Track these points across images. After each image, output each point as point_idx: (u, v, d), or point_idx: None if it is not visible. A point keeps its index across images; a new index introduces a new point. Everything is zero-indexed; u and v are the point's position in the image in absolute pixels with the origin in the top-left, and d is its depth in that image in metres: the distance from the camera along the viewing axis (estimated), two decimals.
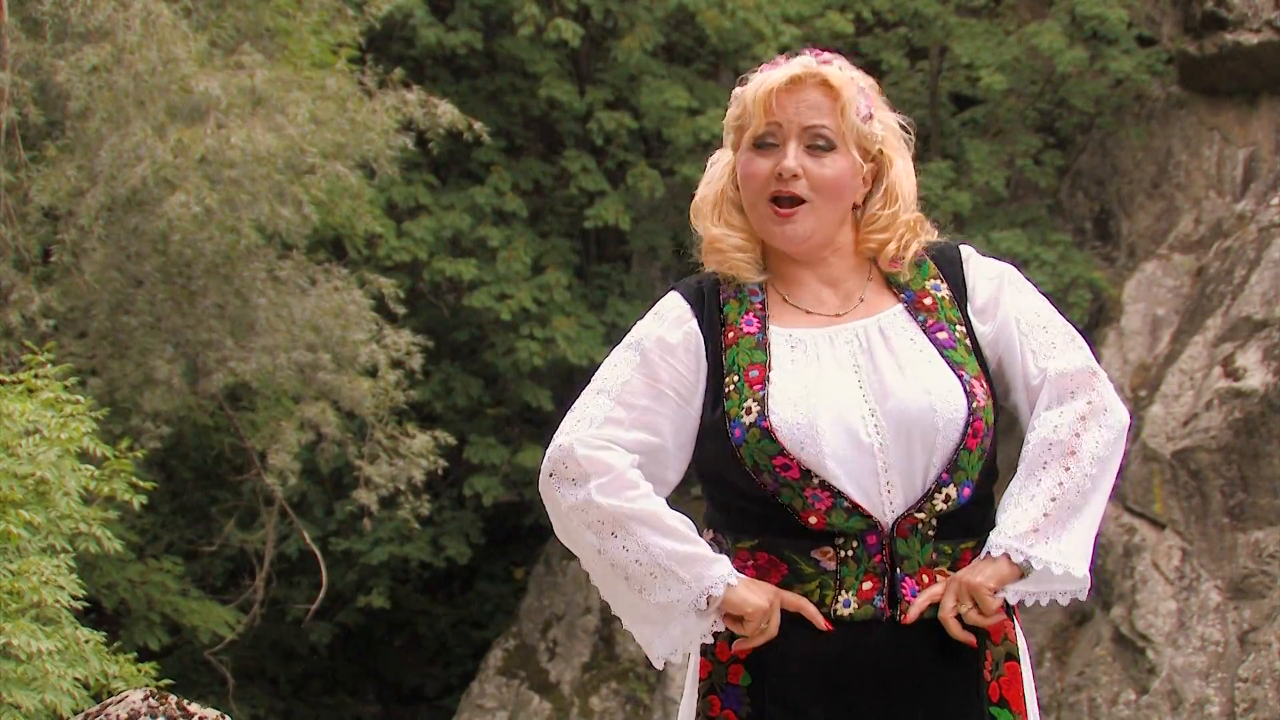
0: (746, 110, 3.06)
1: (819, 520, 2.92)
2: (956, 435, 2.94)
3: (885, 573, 2.94)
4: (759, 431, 2.92)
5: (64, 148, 11.10)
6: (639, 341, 3.06)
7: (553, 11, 14.77)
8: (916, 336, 3.02)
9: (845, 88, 3.04)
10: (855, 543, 2.93)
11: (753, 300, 3.07)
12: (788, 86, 3.03)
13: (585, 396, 3.05)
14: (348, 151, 11.73)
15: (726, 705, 2.98)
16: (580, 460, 2.95)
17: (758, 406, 2.94)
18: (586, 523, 2.95)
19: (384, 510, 13.23)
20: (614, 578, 2.97)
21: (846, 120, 3.03)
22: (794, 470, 2.91)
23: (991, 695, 3.01)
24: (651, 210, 15.39)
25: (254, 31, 12.10)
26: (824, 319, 3.04)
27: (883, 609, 2.94)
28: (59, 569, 6.33)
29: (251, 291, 11.45)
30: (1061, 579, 2.98)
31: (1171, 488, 13.13)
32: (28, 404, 6.89)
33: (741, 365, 2.99)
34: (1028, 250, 14.45)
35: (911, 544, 2.95)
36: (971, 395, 2.96)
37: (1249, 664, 12.35)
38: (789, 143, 3.03)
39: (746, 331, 3.03)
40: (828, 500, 2.92)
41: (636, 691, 14.36)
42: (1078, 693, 12.91)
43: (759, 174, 3.04)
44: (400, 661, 17.02)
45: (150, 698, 4.38)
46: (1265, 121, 15.07)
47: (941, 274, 3.11)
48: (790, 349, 3.01)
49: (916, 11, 15.47)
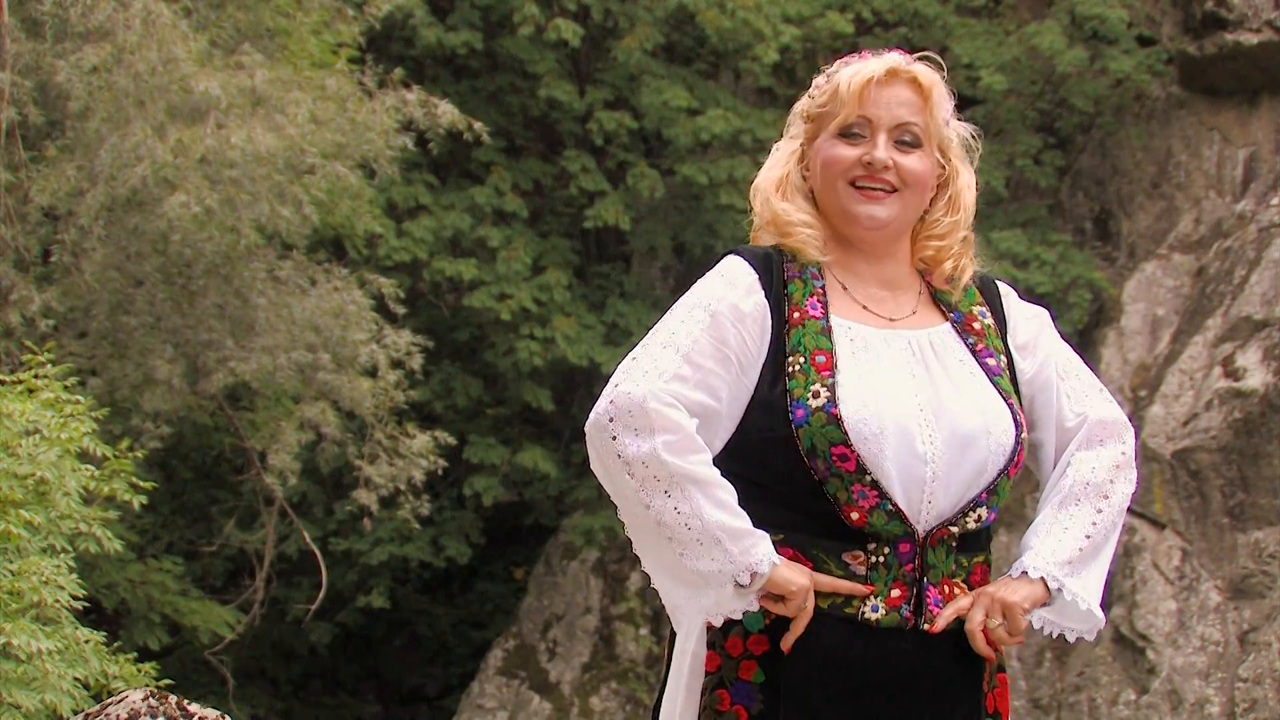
0: (837, 99, 3.06)
1: (860, 517, 2.93)
2: (1003, 460, 2.98)
3: (915, 582, 2.96)
4: (825, 416, 2.91)
5: (64, 148, 11.10)
6: (709, 303, 3.01)
7: (553, 11, 14.77)
8: (965, 358, 3.05)
9: (935, 88, 3.07)
10: (888, 549, 2.94)
11: (815, 284, 3.06)
12: (883, 79, 3.05)
13: (651, 349, 2.98)
14: (348, 151, 11.73)
15: (736, 700, 2.97)
16: (650, 413, 2.90)
17: (826, 392, 2.93)
18: (642, 476, 2.90)
19: (384, 510, 13.23)
20: (657, 535, 2.92)
21: (934, 119, 3.07)
22: (851, 463, 2.91)
23: (988, 706, 3.05)
24: (651, 210, 15.39)
25: (254, 31, 12.09)
26: (880, 320, 3.05)
27: (908, 618, 2.95)
28: (59, 569, 6.32)
29: (251, 291, 11.45)
30: (1084, 615, 3.05)
31: (1171, 488, 13.13)
32: (28, 404, 6.89)
33: (808, 348, 2.98)
34: (1028, 250, 14.45)
35: (939, 555, 2.97)
36: (1019, 425, 3.01)
37: (1249, 664, 12.35)
38: (879, 135, 3.05)
39: (812, 315, 3.02)
40: (873, 499, 2.92)
41: (636, 691, 14.36)
42: (1078, 693, 12.91)
43: (844, 159, 3.05)
44: (400, 661, 17.02)
45: (150, 698, 4.38)
46: (1265, 121, 15.07)
47: (986, 303, 3.15)
48: (850, 342, 3.01)
49: (916, 11, 15.46)
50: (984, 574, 3.05)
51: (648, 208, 15.32)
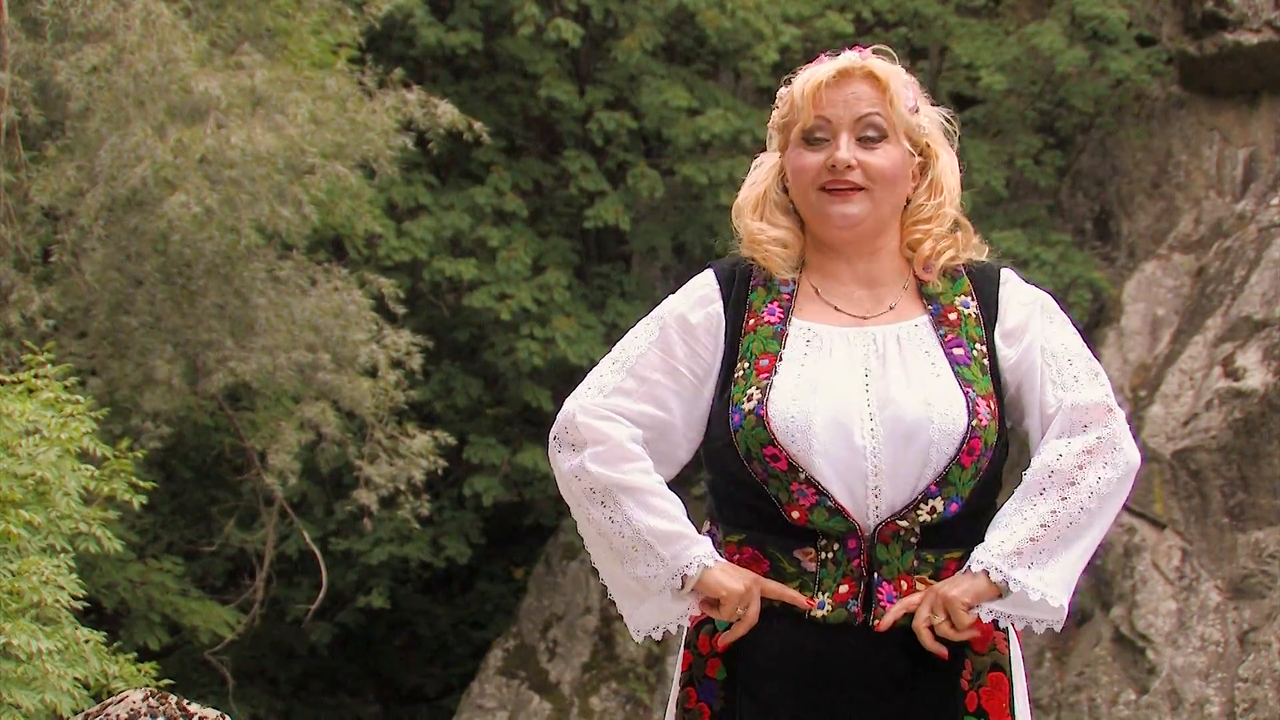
0: (794, 106, 3.07)
1: (801, 516, 2.92)
2: (951, 450, 2.93)
3: (862, 577, 2.94)
4: (754, 419, 2.93)
5: (64, 148, 11.10)
6: (662, 315, 3.08)
7: (553, 11, 14.77)
8: (932, 349, 3.01)
9: (892, 79, 3.05)
10: (836, 545, 2.93)
11: (781, 290, 3.06)
12: (835, 80, 3.04)
13: (601, 364, 3.07)
14: (348, 151, 11.73)
15: (702, 698, 3.00)
16: (580, 427, 2.97)
17: (758, 394, 2.94)
18: (578, 490, 2.97)
19: (384, 510, 13.23)
20: (600, 545, 2.99)
21: (896, 110, 3.04)
22: (782, 462, 2.91)
23: (969, 705, 2.99)
24: (651, 210, 15.39)
25: (254, 31, 12.09)
26: (848, 319, 3.04)
27: (856, 613, 2.94)
28: (59, 569, 6.32)
29: (251, 291, 11.45)
30: (1038, 605, 2.96)
31: (1171, 488, 13.13)
32: (28, 404, 6.88)
33: (755, 353, 3.00)
34: (1028, 250, 14.45)
35: (892, 550, 2.94)
36: (973, 413, 2.95)
37: (1249, 664, 12.35)
38: (840, 135, 3.03)
39: (766, 321, 3.03)
40: (812, 497, 2.91)
41: (636, 691, 14.36)
42: (1078, 693, 12.91)
43: (811, 167, 3.04)
44: (400, 661, 17.02)
45: (150, 698, 4.38)
46: (1265, 121, 15.07)
47: (975, 292, 3.10)
48: (805, 343, 3.01)
49: (916, 11, 15.46)
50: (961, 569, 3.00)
51: (648, 208, 15.33)
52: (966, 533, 2.99)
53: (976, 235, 3.17)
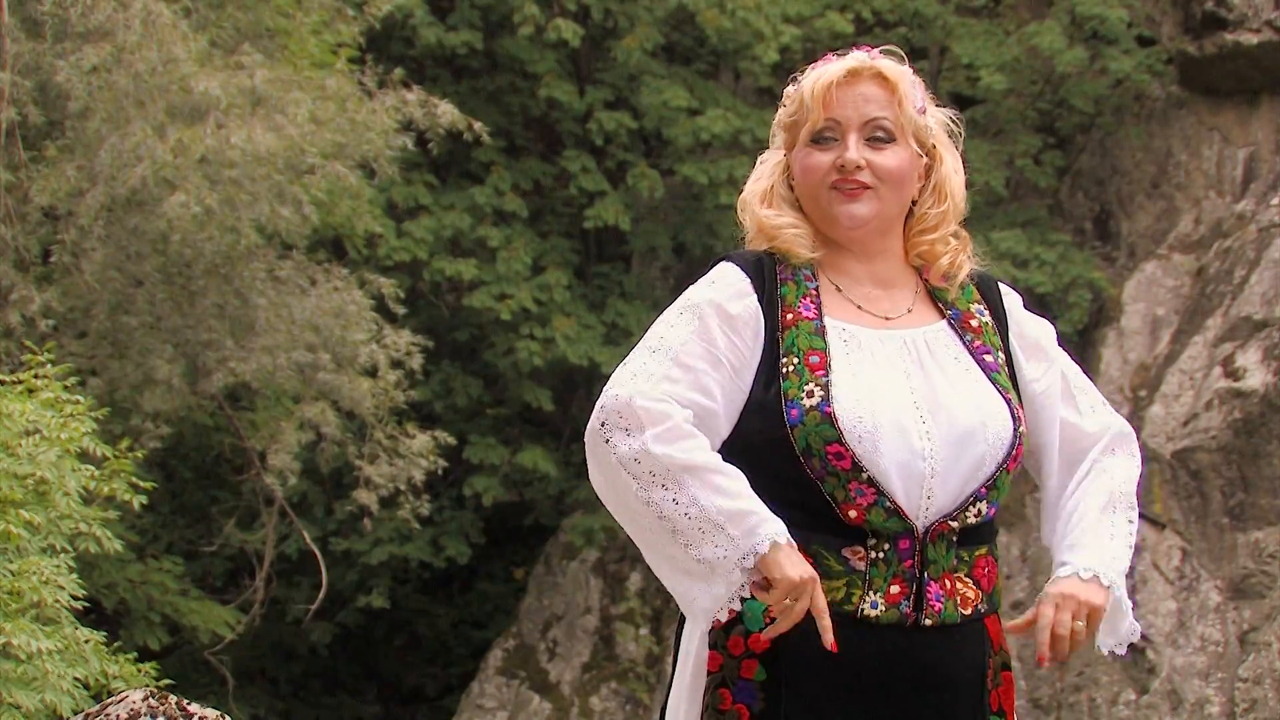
0: (804, 106, 3.06)
1: (858, 515, 2.92)
2: (1002, 455, 2.98)
3: (914, 578, 2.95)
4: (819, 415, 2.91)
5: (64, 148, 11.10)
6: (698, 305, 3.02)
7: (553, 11, 14.77)
8: (961, 355, 3.04)
9: (901, 80, 3.05)
10: (887, 545, 2.94)
11: (808, 286, 3.06)
12: (845, 80, 3.04)
13: (639, 354, 2.99)
14: (348, 151, 11.73)
15: (739, 700, 2.96)
16: (638, 410, 2.90)
17: (820, 391, 2.93)
18: (637, 474, 2.88)
19: (384, 510, 13.23)
20: (661, 531, 2.89)
21: (904, 112, 3.04)
22: (846, 461, 2.91)
23: (992, 704, 3.03)
24: (651, 210, 15.39)
25: (254, 31, 12.09)
26: (874, 319, 3.05)
27: (908, 614, 2.94)
28: (59, 569, 6.32)
29: (251, 291, 11.45)
30: (1129, 627, 3.13)
31: (1171, 488, 13.13)
32: (28, 404, 6.89)
33: (802, 349, 2.98)
34: (1028, 250, 14.45)
35: (939, 550, 2.96)
36: (1017, 419, 3.00)
37: (1249, 664, 12.35)
38: (849, 136, 3.03)
39: (805, 316, 3.02)
40: (871, 496, 2.92)
41: (636, 691, 14.36)
42: (1078, 693, 12.91)
43: (819, 167, 3.05)
44: (400, 661, 17.02)
45: (150, 698, 4.38)
46: (1265, 121, 15.07)
47: (984, 300, 3.13)
48: (844, 342, 3.01)
49: (916, 11, 15.46)
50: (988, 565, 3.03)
51: (648, 208, 15.33)
52: (989, 529, 3.04)
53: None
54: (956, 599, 2.98)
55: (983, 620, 3.02)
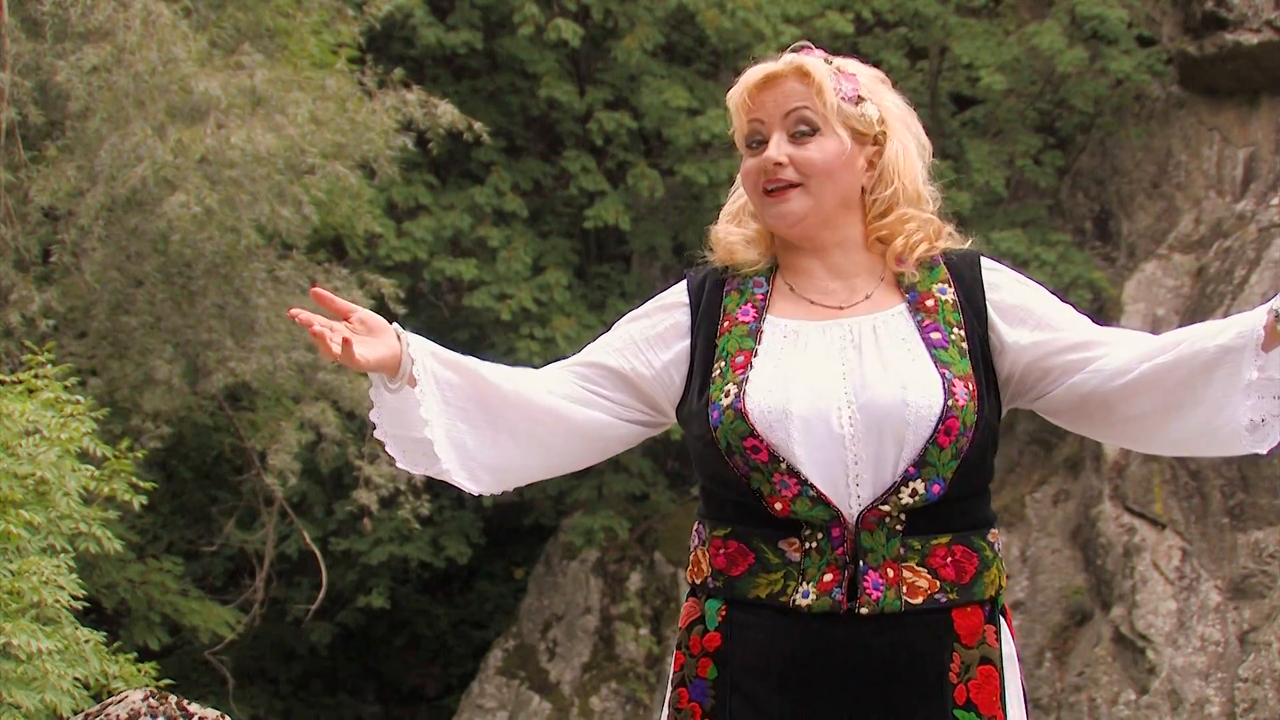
0: (731, 115, 3.11)
1: (784, 506, 2.92)
2: (927, 430, 2.91)
3: (847, 565, 2.92)
4: (733, 413, 2.94)
5: (64, 148, 11.10)
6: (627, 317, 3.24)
7: (553, 11, 14.77)
8: (909, 336, 3.01)
9: (817, 70, 3.05)
10: (820, 534, 2.93)
11: (755, 292, 3.10)
12: (763, 83, 3.06)
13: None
14: (348, 151, 11.73)
15: (693, 698, 2.99)
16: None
17: (735, 389, 2.96)
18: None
19: (384, 510, 13.23)
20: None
21: (825, 101, 3.04)
22: (763, 453, 2.92)
23: (958, 698, 2.97)
24: (651, 210, 15.39)
25: (254, 31, 12.09)
26: (824, 310, 3.05)
27: (840, 601, 2.92)
28: (59, 569, 6.32)
29: (251, 291, 11.45)
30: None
31: (1171, 488, 13.13)
32: (28, 404, 6.89)
33: (730, 352, 3.02)
34: (1028, 250, 14.45)
35: (877, 537, 2.93)
36: (949, 393, 2.93)
37: (1249, 664, 12.35)
38: (773, 135, 3.05)
39: (740, 320, 3.06)
40: (794, 487, 2.91)
41: (636, 691, 14.36)
42: (1078, 693, 12.91)
43: (751, 171, 3.08)
44: (400, 661, 17.02)
45: (150, 698, 4.38)
46: (1265, 121, 15.07)
47: (953, 279, 3.09)
48: (782, 337, 3.02)
49: (916, 11, 15.47)
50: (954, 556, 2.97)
51: (648, 208, 15.33)
52: (953, 517, 2.97)
53: (951, 225, 3.16)
54: (901, 587, 2.93)
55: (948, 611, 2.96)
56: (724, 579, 2.99)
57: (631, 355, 3.15)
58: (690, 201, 15.11)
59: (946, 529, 2.97)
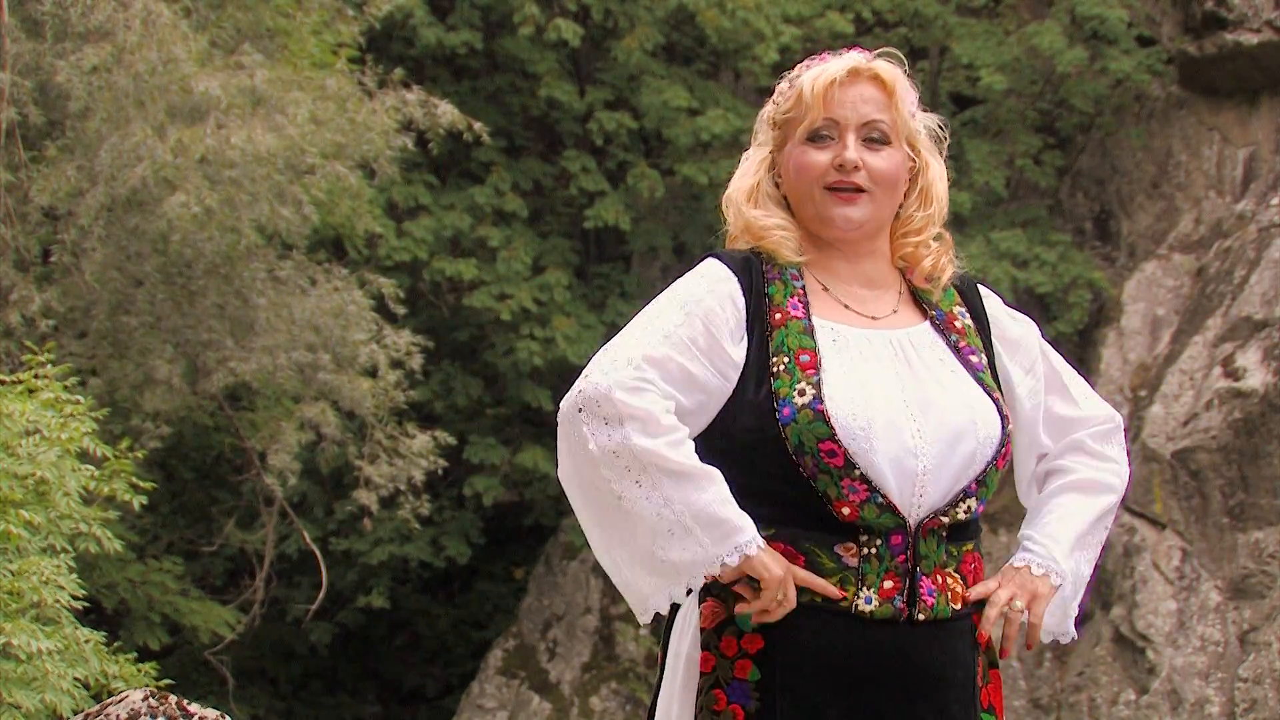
0: (802, 104, 3.07)
1: (852, 512, 2.93)
2: (991, 453, 3.00)
3: (908, 573, 2.96)
4: (812, 414, 2.92)
5: (64, 148, 11.10)
6: (684, 300, 3.03)
7: (553, 11, 14.77)
8: (946, 356, 3.06)
9: (899, 82, 3.08)
10: (880, 541, 2.95)
11: (795, 285, 3.07)
12: (846, 79, 3.06)
13: (622, 342, 2.99)
14: (348, 151, 11.73)
15: (734, 700, 2.96)
16: (618, 401, 2.89)
17: (812, 390, 2.94)
18: (614, 466, 2.88)
19: (384, 510, 13.23)
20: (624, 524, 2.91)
21: (900, 115, 3.07)
22: (839, 458, 2.92)
23: (983, 701, 3.05)
24: (651, 210, 15.39)
25: (254, 31, 12.09)
26: (861, 319, 3.07)
27: (901, 608, 2.95)
28: (59, 569, 6.32)
29: (251, 291, 11.45)
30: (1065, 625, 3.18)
31: (1171, 488, 13.13)
32: (28, 404, 6.89)
33: (792, 348, 2.99)
34: (1028, 250, 14.45)
35: (930, 545, 2.98)
36: (1004, 418, 3.04)
37: (1249, 664, 12.35)
38: (847, 135, 3.05)
39: (794, 315, 3.03)
40: (863, 493, 2.93)
41: (636, 691, 14.36)
42: (1078, 693, 12.91)
43: (816, 165, 3.06)
44: (400, 661, 17.02)
45: (150, 698, 4.38)
46: (1265, 121, 15.07)
47: (964, 302, 3.16)
48: (833, 341, 3.02)
49: (916, 11, 15.47)
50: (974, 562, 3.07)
51: (648, 208, 15.33)
52: (977, 527, 3.08)
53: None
54: (948, 594, 2.99)
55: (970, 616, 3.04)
56: None
57: (714, 358, 3.01)
58: (690, 201, 15.10)
59: (972, 537, 3.07)
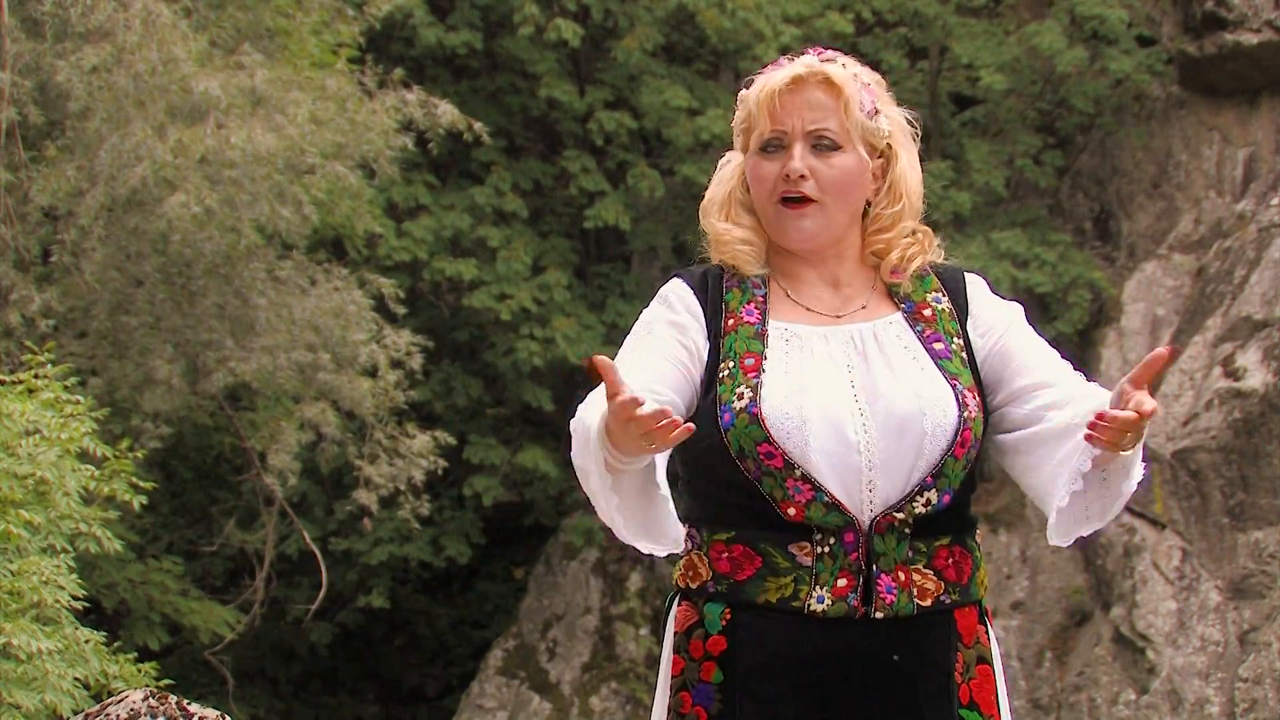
0: (751, 114, 3.08)
1: (798, 512, 2.92)
2: (945, 442, 2.94)
3: (861, 570, 2.93)
4: (748, 417, 2.92)
5: (64, 148, 11.11)
6: (649, 322, 3.08)
7: (553, 11, 14.77)
8: (911, 345, 3.02)
9: (847, 85, 3.04)
10: (832, 539, 2.93)
11: (755, 292, 3.08)
12: (790, 87, 3.04)
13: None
14: (347, 151, 11.74)
15: (697, 702, 2.97)
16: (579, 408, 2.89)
17: (749, 393, 2.94)
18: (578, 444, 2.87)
19: (384, 510, 13.24)
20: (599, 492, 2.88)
21: (850, 118, 3.03)
22: (778, 459, 2.91)
23: (962, 697, 3.00)
24: (651, 210, 15.39)
25: (254, 31, 12.10)
26: (823, 318, 3.05)
27: (856, 606, 2.93)
28: (59, 569, 6.33)
29: (251, 291, 11.46)
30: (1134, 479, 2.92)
31: (1171, 488, 13.13)
32: (28, 404, 6.89)
33: (738, 352, 3.00)
34: (1028, 250, 14.45)
35: (888, 542, 2.94)
36: (963, 405, 2.96)
37: (1249, 664, 12.35)
38: (795, 145, 3.04)
39: (746, 320, 3.04)
40: (808, 493, 2.91)
41: (636, 691, 14.36)
42: (1078, 693, 12.91)
43: (767, 177, 3.06)
44: (400, 661, 17.03)
45: (150, 698, 4.38)
46: (1265, 121, 15.08)
47: (944, 289, 3.12)
48: (785, 342, 3.01)
49: (916, 11, 15.47)
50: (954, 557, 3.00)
51: (648, 208, 15.33)
52: (951, 520, 3.00)
53: (938, 237, 3.16)
54: (912, 590, 2.95)
55: (950, 612, 2.99)
56: (728, 583, 2.97)
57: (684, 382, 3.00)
58: (690, 201, 15.10)
59: (945, 531, 3.00)
